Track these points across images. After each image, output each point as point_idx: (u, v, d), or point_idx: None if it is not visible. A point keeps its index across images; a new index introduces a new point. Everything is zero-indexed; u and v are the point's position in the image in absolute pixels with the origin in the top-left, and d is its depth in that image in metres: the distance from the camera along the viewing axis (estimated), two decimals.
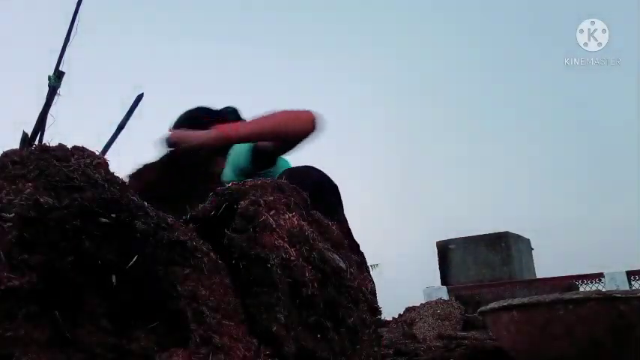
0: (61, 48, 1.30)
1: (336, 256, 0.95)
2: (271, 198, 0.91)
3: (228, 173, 1.62)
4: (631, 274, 6.90)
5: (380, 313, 1.02)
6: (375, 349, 0.96)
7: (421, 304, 5.60)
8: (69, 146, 0.78)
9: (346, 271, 0.94)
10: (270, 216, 0.87)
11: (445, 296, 6.04)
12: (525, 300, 1.21)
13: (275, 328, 0.76)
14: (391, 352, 1.49)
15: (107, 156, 1.05)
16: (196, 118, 1.67)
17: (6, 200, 0.63)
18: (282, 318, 0.77)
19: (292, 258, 0.84)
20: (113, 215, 0.70)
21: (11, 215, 0.61)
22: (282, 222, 0.88)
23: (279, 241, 0.84)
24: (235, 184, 0.95)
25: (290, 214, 0.92)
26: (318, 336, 0.82)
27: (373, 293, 1.04)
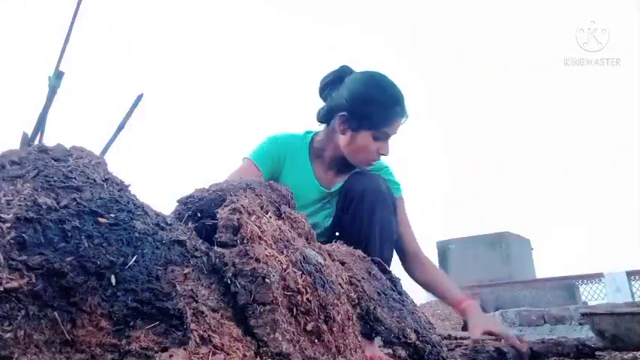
0: (61, 48, 1.30)
1: (313, 252, 0.94)
2: (247, 200, 0.88)
3: None
4: (631, 274, 6.91)
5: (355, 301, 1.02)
6: (359, 339, 0.95)
7: (421, 304, 5.61)
8: (68, 146, 0.78)
9: (324, 265, 0.93)
10: (253, 222, 0.83)
11: None
12: (626, 308, 1.93)
13: (284, 347, 0.73)
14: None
15: (107, 156, 1.05)
16: None
17: (4, 201, 0.63)
18: (289, 334, 0.75)
19: (284, 267, 0.81)
20: (112, 215, 0.70)
21: (9, 216, 0.60)
22: (264, 227, 0.84)
23: (269, 250, 0.81)
24: (198, 189, 0.94)
25: (267, 216, 0.89)
26: (316, 341, 0.81)
27: (348, 282, 1.03)
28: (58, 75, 1.26)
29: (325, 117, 1.80)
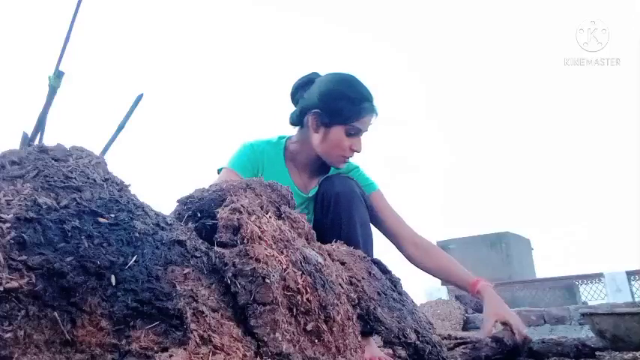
0: (61, 48, 1.30)
1: (313, 252, 0.94)
2: (247, 200, 0.88)
3: None
4: (631, 274, 6.90)
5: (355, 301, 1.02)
6: (359, 339, 0.95)
7: (421, 304, 5.61)
8: (68, 146, 0.78)
9: (324, 265, 0.93)
10: (253, 222, 0.83)
11: (445, 296, 6.04)
12: (626, 309, 1.98)
13: (284, 347, 0.73)
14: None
15: (107, 156, 1.05)
16: None
17: (4, 201, 0.63)
18: (289, 334, 0.75)
19: (284, 267, 0.81)
20: (112, 215, 0.70)
21: (9, 216, 0.60)
22: (264, 227, 0.84)
23: (269, 250, 0.81)
24: (198, 189, 0.94)
25: (267, 216, 0.89)
26: (316, 341, 0.81)
27: (348, 282, 1.03)
28: (58, 75, 1.26)
29: (298, 118, 1.83)
